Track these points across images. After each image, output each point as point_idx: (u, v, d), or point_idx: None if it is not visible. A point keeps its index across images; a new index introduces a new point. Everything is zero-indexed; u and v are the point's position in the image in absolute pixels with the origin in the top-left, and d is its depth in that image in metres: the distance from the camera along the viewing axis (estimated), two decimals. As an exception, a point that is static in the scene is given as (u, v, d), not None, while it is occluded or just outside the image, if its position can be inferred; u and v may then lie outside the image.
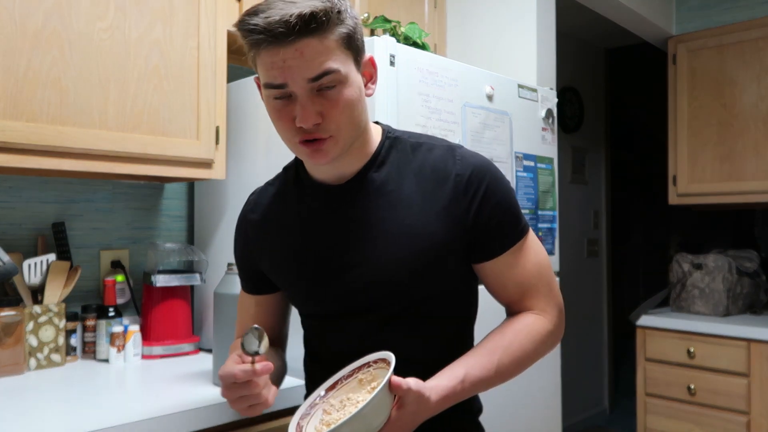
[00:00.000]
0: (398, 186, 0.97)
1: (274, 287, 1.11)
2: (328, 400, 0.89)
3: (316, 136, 0.88)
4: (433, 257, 0.95)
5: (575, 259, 3.84)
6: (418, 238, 0.94)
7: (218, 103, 1.64)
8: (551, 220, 1.95)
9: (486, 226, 0.96)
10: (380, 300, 0.96)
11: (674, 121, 2.96)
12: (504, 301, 1.03)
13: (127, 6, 1.47)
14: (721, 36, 2.82)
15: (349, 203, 0.98)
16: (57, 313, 1.59)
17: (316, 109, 0.87)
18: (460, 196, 0.95)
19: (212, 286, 1.78)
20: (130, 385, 1.44)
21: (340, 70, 0.86)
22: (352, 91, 0.89)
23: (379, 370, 0.87)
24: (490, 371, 0.92)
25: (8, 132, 1.28)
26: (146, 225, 1.90)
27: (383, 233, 0.95)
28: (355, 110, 0.90)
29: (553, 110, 1.99)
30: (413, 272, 0.94)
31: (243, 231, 1.12)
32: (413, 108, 1.52)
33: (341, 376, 0.90)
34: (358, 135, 0.94)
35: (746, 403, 2.38)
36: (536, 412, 1.87)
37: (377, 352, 0.89)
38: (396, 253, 0.94)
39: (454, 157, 0.98)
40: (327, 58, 0.85)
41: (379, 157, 0.99)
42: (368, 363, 0.89)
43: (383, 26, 1.82)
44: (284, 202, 1.06)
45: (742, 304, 2.68)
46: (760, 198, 2.70)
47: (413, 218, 0.95)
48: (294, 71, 0.85)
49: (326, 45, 0.85)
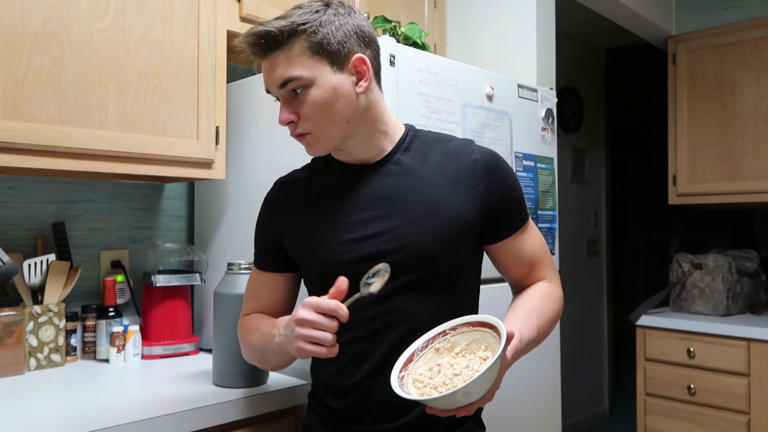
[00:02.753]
0: (423, 167, 1.08)
1: (288, 266, 1.16)
2: (414, 370, 0.92)
3: (297, 132, 1.04)
4: (457, 230, 1.05)
5: (575, 259, 3.84)
6: (444, 211, 1.04)
7: (218, 103, 1.64)
8: (551, 220, 1.95)
9: (500, 205, 1.08)
10: (404, 265, 1.02)
11: (674, 121, 2.96)
12: (517, 276, 1.15)
13: (127, 6, 1.47)
14: (721, 36, 2.82)
15: (378, 179, 1.08)
16: (57, 313, 1.59)
17: (291, 110, 1.03)
18: (479, 179, 1.07)
19: (212, 286, 1.78)
20: (130, 385, 1.44)
21: (302, 76, 1.00)
22: (322, 92, 1.01)
23: (460, 335, 0.94)
24: (533, 333, 1.02)
25: (8, 132, 1.28)
26: (146, 225, 1.90)
27: (410, 205, 1.05)
28: (329, 108, 1.01)
29: (553, 110, 1.99)
30: (438, 241, 1.03)
31: (267, 208, 1.19)
32: (413, 108, 1.52)
33: (415, 348, 0.94)
34: (351, 127, 1.04)
35: (746, 403, 2.38)
36: (536, 412, 1.87)
37: (450, 321, 0.96)
38: (423, 224, 1.03)
39: (472, 146, 1.11)
40: (288, 67, 1.00)
41: (404, 144, 1.11)
42: (444, 332, 0.95)
43: (383, 26, 1.82)
44: (312, 180, 1.16)
45: (742, 304, 2.68)
46: (760, 198, 2.69)
47: (438, 194, 1.05)
48: (269, 80, 1.03)
49: (289, 56, 1.00)
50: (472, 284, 1.15)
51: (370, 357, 1.04)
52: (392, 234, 1.03)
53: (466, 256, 1.09)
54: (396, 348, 1.01)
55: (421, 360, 0.93)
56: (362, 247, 1.04)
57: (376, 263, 1.00)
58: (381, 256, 1.02)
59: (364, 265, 1.01)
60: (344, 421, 1.08)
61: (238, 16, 1.70)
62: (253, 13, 1.72)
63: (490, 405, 1.35)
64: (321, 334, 0.91)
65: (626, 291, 5.09)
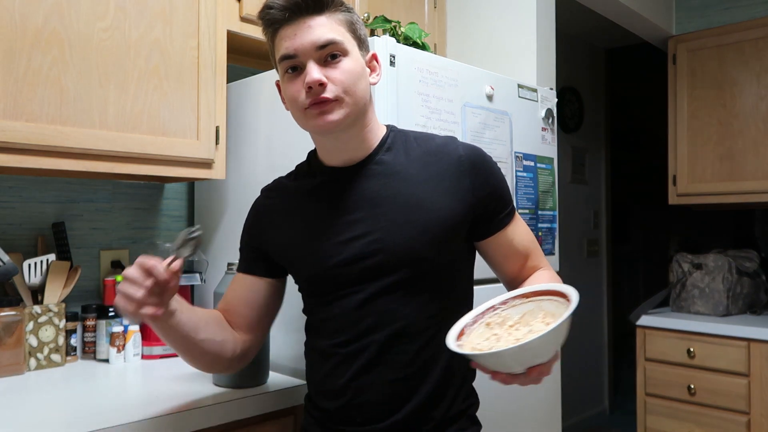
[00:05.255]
0: (406, 167, 1.07)
1: (272, 272, 1.16)
2: (469, 342, 0.87)
3: (322, 98, 0.99)
4: (443, 229, 1.03)
5: (575, 259, 3.84)
6: (428, 210, 1.03)
7: (218, 103, 1.64)
8: (551, 220, 1.95)
9: (487, 200, 1.07)
10: (390, 266, 1.02)
11: (674, 121, 2.96)
12: (512, 270, 1.14)
13: (127, 6, 1.47)
14: (721, 36, 2.82)
15: (361, 181, 1.06)
16: (57, 313, 1.59)
17: (322, 73, 0.98)
18: (463, 175, 1.05)
19: (212, 286, 1.78)
20: (130, 385, 1.44)
21: (343, 42, 1.00)
22: (355, 65, 1.02)
23: (511, 309, 0.91)
24: None
25: (8, 132, 1.28)
26: (146, 225, 1.90)
27: (396, 206, 1.04)
28: (358, 81, 1.01)
29: (553, 110, 1.99)
30: (422, 240, 1.02)
31: (255, 214, 1.19)
32: (413, 108, 1.52)
33: (465, 324, 0.91)
34: (361, 110, 1.03)
35: (746, 403, 2.38)
36: (536, 412, 1.87)
37: (501, 296, 0.93)
38: (407, 224, 1.02)
39: (455, 142, 1.09)
40: (332, 31, 0.99)
41: (386, 144, 1.09)
42: (493, 306, 0.92)
43: (383, 26, 1.82)
44: (297, 185, 1.15)
45: (742, 304, 2.68)
46: (760, 198, 2.69)
47: (422, 193, 1.04)
48: (304, 41, 0.98)
49: (332, 22, 1.00)
50: (463, 284, 1.13)
51: (359, 358, 1.04)
52: (376, 235, 1.02)
53: (454, 256, 1.08)
54: (384, 349, 1.02)
55: (473, 334, 0.90)
56: (347, 249, 1.04)
57: (362, 265, 1.01)
58: (366, 257, 1.02)
59: (351, 267, 1.02)
60: (336, 422, 1.08)
61: (238, 16, 1.70)
62: (253, 13, 1.69)
63: (490, 404, 1.35)
64: (132, 289, 0.92)
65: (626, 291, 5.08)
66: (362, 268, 1.03)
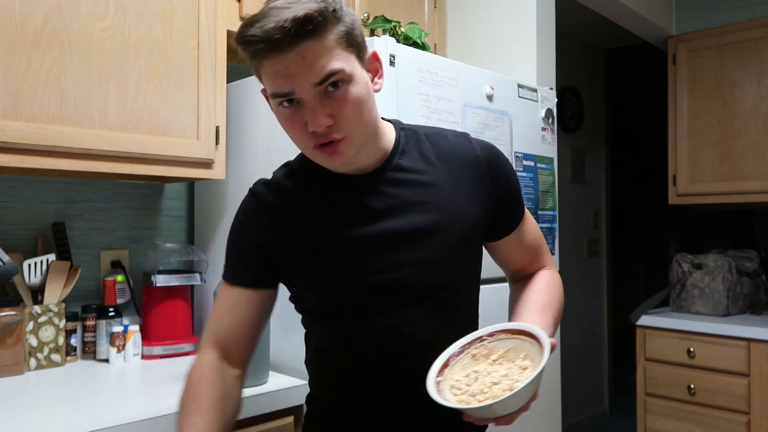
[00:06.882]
0: (424, 171, 0.99)
1: (262, 282, 1.02)
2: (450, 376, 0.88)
3: (330, 138, 0.87)
4: (465, 235, 0.98)
5: (575, 259, 3.84)
6: (452, 217, 0.97)
7: (218, 103, 1.64)
8: (551, 220, 1.95)
9: (504, 201, 1.03)
10: (416, 278, 0.96)
11: (674, 121, 2.96)
12: (520, 266, 1.11)
13: (127, 6, 1.47)
14: (721, 36, 2.82)
15: (380, 190, 0.96)
16: (57, 313, 1.59)
17: (326, 112, 0.85)
18: (482, 176, 1.00)
19: (212, 286, 1.78)
20: (130, 385, 1.44)
21: (344, 69, 0.85)
22: (360, 88, 0.87)
23: (497, 342, 0.91)
24: (551, 328, 0.98)
25: (8, 132, 1.28)
26: (146, 225, 1.90)
27: (419, 214, 0.96)
28: (364, 107, 0.89)
29: (553, 110, 1.99)
30: (450, 250, 0.97)
31: (255, 213, 1.02)
32: (413, 108, 1.52)
33: (451, 353, 0.90)
34: (371, 132, 0.93)
35: (746, 403, 2.38)
36: (536, 412, 1.87)
37: (487, 327, 0.93)
38: (434, 233, 0.96)
39: (469, 142, 1.02)
40: (329, 59, 0.84)
41: (400, 146, 1.00)
42: (480, 338, 0.92)
43: (383, 26, 1.82)
44: (301, 186, 1.01)
45: (742, 304, 2.68)
46: (760, 198, 2.69)
47: (445, 199, 0.97)
48: (299, 77, 0.84)
49: (326, 46, 0.84)
50: (473, 290, 1.08)
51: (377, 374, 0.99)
52: (402, 247, 0.95)
53: (470, 263, 1.04)
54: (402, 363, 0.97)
55: (458, 365, 0.89)
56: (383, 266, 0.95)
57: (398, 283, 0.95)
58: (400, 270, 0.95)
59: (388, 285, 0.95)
60: (344, 408, 1.03)
61: (238, 16, 1.70)
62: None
63: (490, 405, 1.35)
64: None
65: (626, 291, 5.08)
66: (398, 285, 0.96)
